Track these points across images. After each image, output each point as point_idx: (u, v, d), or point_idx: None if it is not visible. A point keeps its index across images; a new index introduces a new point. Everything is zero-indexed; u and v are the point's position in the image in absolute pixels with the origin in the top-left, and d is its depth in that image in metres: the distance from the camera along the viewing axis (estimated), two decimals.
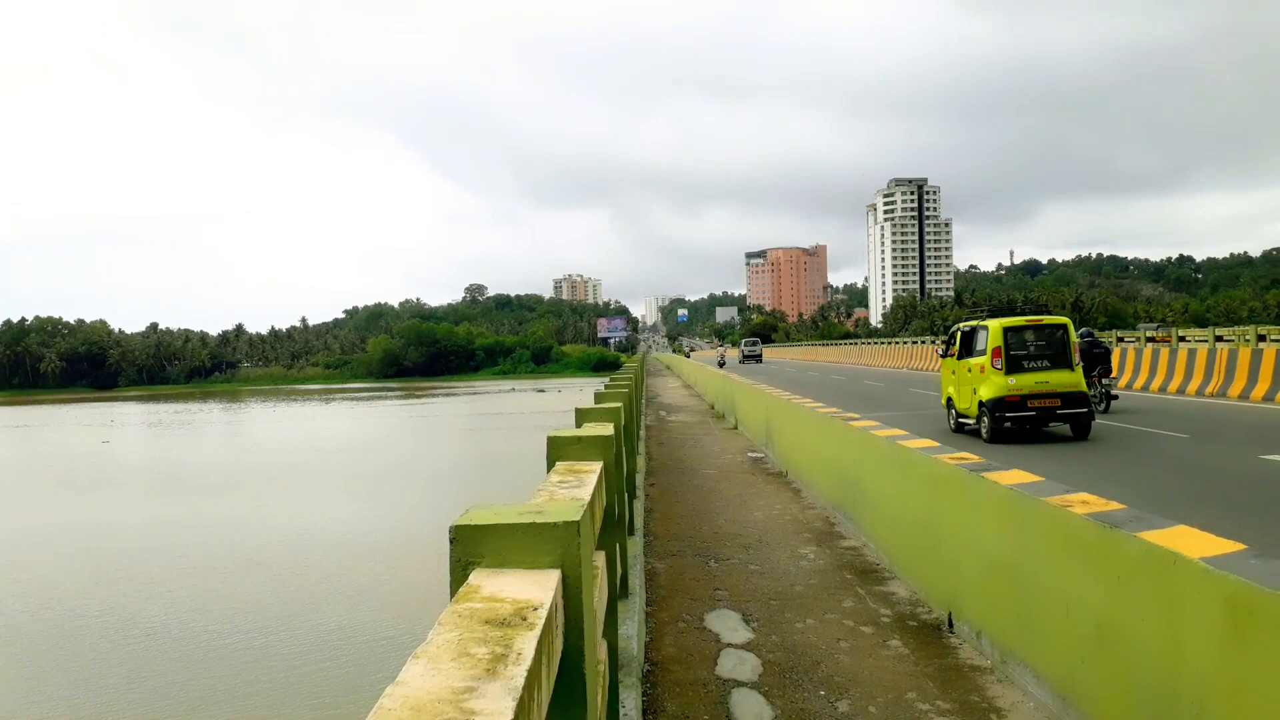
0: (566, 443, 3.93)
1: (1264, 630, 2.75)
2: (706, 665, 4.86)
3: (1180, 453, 11.86)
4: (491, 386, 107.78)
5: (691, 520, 8.99)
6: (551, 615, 1.74)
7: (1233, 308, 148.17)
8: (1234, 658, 2.90)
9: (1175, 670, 3.21)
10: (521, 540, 1.99)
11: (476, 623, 1.62)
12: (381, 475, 29.27)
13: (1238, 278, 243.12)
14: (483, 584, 1.82)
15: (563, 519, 2.02)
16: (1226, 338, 27.38)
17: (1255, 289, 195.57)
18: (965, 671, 4.70)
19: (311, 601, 13.94)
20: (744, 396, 18.88)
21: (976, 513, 5.14)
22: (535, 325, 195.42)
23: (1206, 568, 3.01)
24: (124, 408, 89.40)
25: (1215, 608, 2.97)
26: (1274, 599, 2.67)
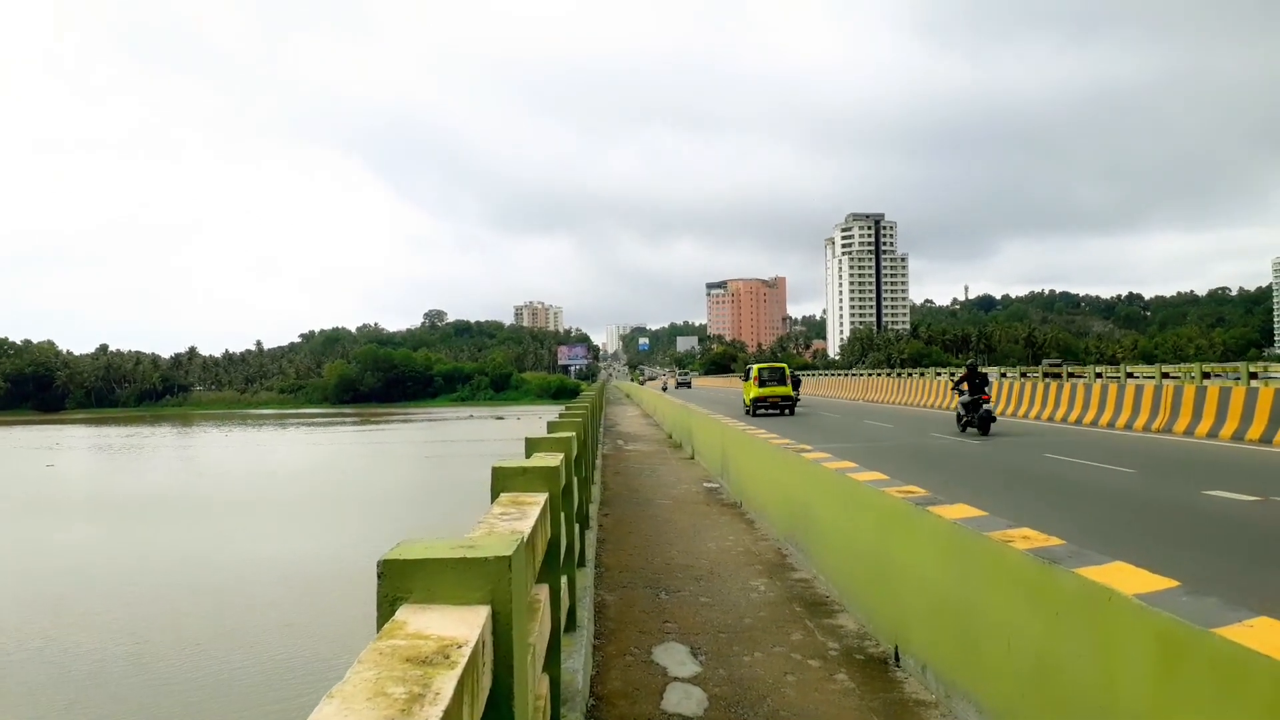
0: (511, 474, 3.89)
1: (1193, 667, 2.79)
2: (652, 700, 4.81)
3: (1127, 488, 12.06)
4: (449, 413, 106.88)
5: (644, 552, 8.95)
6: (477, 653, 1.71)
7: (1180, 344, 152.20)
8: (1166, 694, 2.93)
9: (1109, 706, 3.24)
10: (451, 575, 1.96)
11: (397, 661, 1.58)
12: (332, 503, 28.82)
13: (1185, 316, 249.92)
14: (409, 620, 1.78)
15: (494, 554, 1.99)
16: (1173, 374, 28.01)
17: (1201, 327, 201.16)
18: (910, 706, 4.71)
19: (255, 633, 13.63)
20: (701, 426, 18.91)
21: (922, 546, 5.17)
22: (495, 352, 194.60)
23: (1139, 604, 3.05)
24: (70, 430, 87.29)
25: (1147, 644, 3.01)
26: (1202, 636, 2.71)
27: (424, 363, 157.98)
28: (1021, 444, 18.38)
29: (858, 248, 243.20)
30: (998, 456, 16.27)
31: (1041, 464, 14.84)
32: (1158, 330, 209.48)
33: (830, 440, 19.95)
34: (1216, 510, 9.93)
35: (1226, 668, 2.62)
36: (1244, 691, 2.55)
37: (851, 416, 30.45)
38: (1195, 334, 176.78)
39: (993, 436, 20.03)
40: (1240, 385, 21.05)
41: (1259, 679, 2.48)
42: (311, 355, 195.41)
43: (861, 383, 50.75)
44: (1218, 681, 2.67)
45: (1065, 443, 18.24)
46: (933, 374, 44.72)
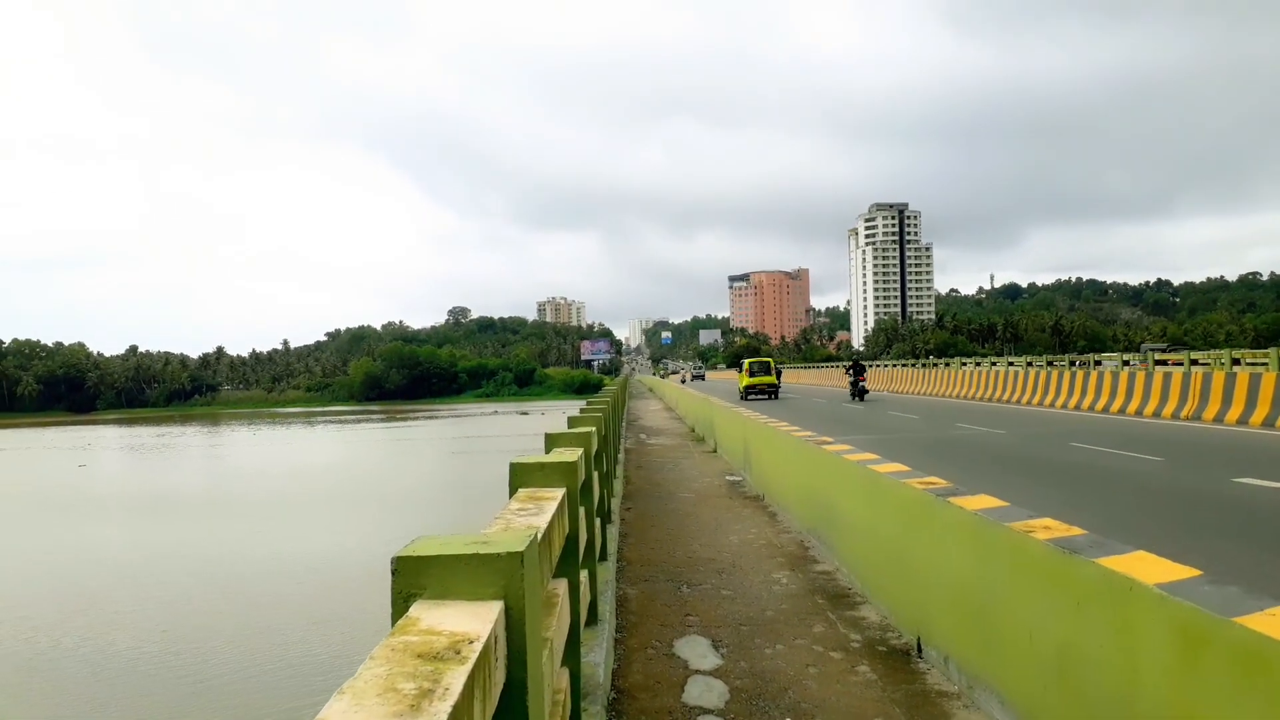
0: (529, 469, 3.91)
1: (1215, 656, 2.76)
2: (673, 693, 4.83)
3: (1155, 476, 11.93)
4: (474, 409, 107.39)
5: (666, 545, 8.96)
6: (489, 648, 1.73)
7: (1210, 331, 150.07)
8: (1187, 684, 2.91)
9: (1131, 696, 3.21)
10: (464, 571, 1.98)
11: (409, 656, 1.60)
12: (360, 500, 29.05)
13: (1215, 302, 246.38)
14: (422, 616, 1.81)
15: (507, 549, 2.01)
16: (1202, 361, 27.65)
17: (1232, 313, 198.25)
18: (932, 698, 4.69)
19: (284, 630, 13.78)
20: (723, 420, 18.89)
21: (944, 537, 5.14)
22: (519, 348, 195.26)
23: (1161, 594, 3.02)
24: (101, 431, 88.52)
25: (1169, 634, 2.98)
26: (1224, 625, 2.69)
27: (448, 360, 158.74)
28: (1048, 434, 18.23)
29: (881, 238, 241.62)
30: (1024, 447, 16.14)
31: (1068, 453, 14.70)
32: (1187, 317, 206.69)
33: (853, 432, 19.87)
34: (1246, 498, 9.81)
35: (1248, 657, 2.59)
36: (1265, 680, 2.52)
37: (876, 407, 30.31)
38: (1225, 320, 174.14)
39: (1020, 427, 19.95)
40: (1270, 371, 20.75)
41: (1279, 667, 2.45)
42: (337, 353, 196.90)
43: (886, 374, 50.46)
44: (1239, 671, 2.64)
45: (1092, 431, 18.06)
46: (958, 364, 44.39)
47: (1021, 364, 37.12)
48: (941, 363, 48.35)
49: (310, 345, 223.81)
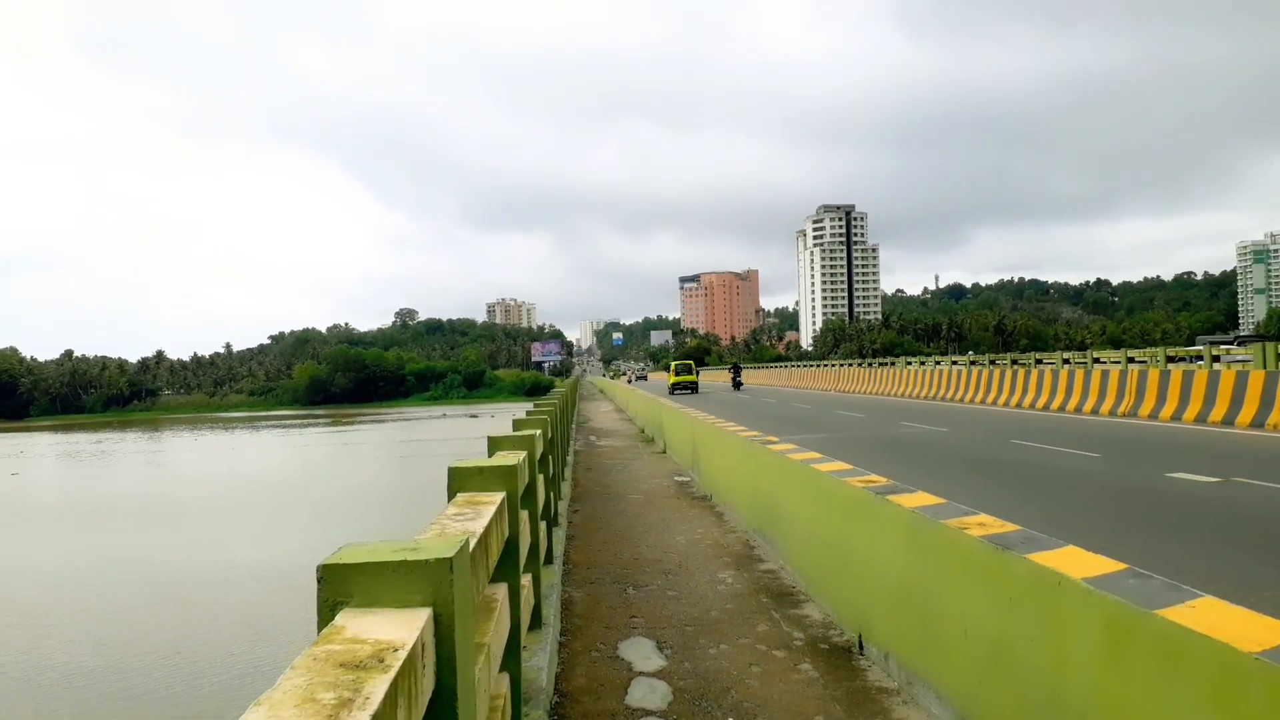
0: (467, 474, 3.88)
1: (1138, 647, 2.83)
2: (616, 695, 4.82)
3: (1092, 472, 12.21)
4: (422, 412, 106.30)
5: (613, 547, 8.95)
6: (415, 655, 1.71)
7: (1147, 330, 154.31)
8: (1113, 674, 2.97)
9: (1062, 689, 3.28)
10: (392, 578, 1.95)
11: (331, 666, 1.57)
12: (308, 506, 28.59)
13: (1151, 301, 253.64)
14: (348, 625, 1.78)
15: (435, 556, 1.98)
16: (1138, 359, 28.38)
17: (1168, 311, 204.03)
18: (873, 694, 4.74)
19: (230, 642, 13.50)
20: (672, 421, 18.95)
21: (883, 535, 5.21)
22: (467, 350, 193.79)
23: (1088, 588, 3.09)
24: (36, 438, 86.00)
25: (1096, 627, 3.05)
26: (1146, 618, 2.75)
27: (395, 362, 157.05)
28: (990, 431, 18.57)
29: (829, 239, 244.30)
30: (966, 444, 16.42)
31: (1008, 450, 14.99)
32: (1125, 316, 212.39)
33: (801, 431, 20.05)
34: (1178, 492, 10.07)
35: (1169, 648, 2.66)
36: (1185, 670, 2.59)
37: (823, 407, 30.61)
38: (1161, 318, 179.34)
39: (963, 425, 20.30)
40: (1203, 369, 21.38)
41: (1199, 658, 2.52)
42: (281, 357, 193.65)
43: (833, 373, 51.00)
44: (1161, 661, 2.71)
45: (1032, 429, 18.44)
46: (903, 363, 45.04)
47: (965, 363, 37.79)
48: (888, 362, 49.02)
49: (253, 348, 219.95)
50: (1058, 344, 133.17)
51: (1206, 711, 2.51)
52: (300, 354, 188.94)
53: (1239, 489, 10.05)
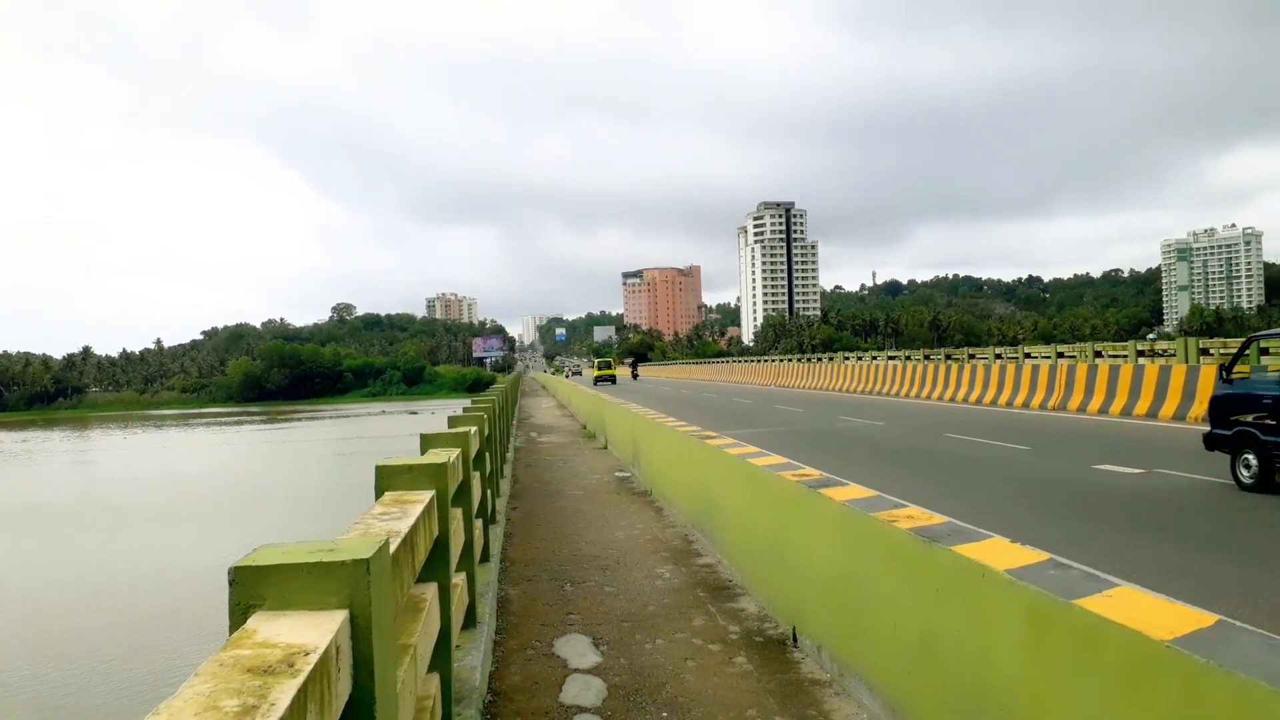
0: (396, 472, 3.81)
1: (1057, 637, 2.88)
2: (551, 692, 4.79)
3: (1022, 464, 12.50)
4: (360, 409, 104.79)
5: (551, 544, 8.90)
6: (328, 659, 1.66)
7: (1077, 325, 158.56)
8: (1034, 664, 3.03)
9: (986, 678, 3.33)
10: (306, 580, 1.90)
11: (237, 671, 1.52)
12: (240, 505, 27.98)
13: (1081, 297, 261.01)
14: (259, 628, 1.72)
15: (352, 557, 1.94)
16: (1068, 354, 29.15)
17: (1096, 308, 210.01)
18: (805, 686, 4.78)
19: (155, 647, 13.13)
20: (613, 416, 18.93)
21: (816, 528, 5.25)
22: (407, 345, 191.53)
23: (1010, 579, 3.14)
24: None
25: (1017, 617, 3.10)
26: (1065, 608, 2.81)
27: (332, 358, 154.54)
28: (925, 424, 18.90)
29: (769, 236, 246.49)
30: (902, 438, 16.70)
31: (942, 443, 15.28)
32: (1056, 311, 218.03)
33: (741, 426, 20.20)
34: (1104, 483, 10.37)
35: (1086, 637, 2.72)
36: (1101, 658, 2.65)
37: (764, 402, 30.88)
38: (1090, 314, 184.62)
39: (899, 419, 20.63)
40: (1129, 363, 22.04)
41: (1114, 646, 2.58)
42: (214, 353, 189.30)
43: (774, 368, 51.48)
44: (1079, 650, 2.77)
45: (966, 422, 18.83)
46: (841, 358, 45.64)
47: (901, 358, 38.44)
48: (826, 357, 49.62)
49: (185, 344, 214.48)
50: (991, 339, 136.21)
51: (1121, 698, 2.57)
52: (234, 350, 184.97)
53: (1161, 479, 10.37)
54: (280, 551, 1.96)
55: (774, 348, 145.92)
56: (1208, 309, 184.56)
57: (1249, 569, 6.16)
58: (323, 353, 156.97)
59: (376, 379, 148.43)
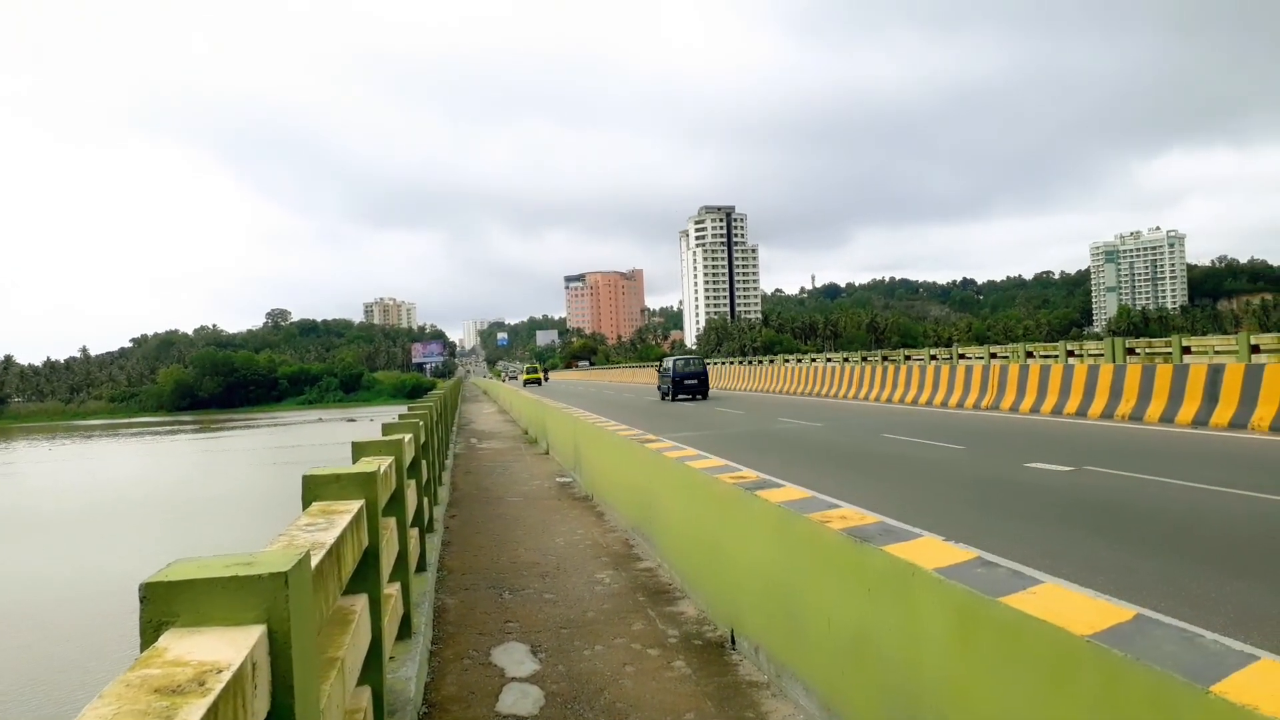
0: (324, 482, 3.73)
1: (984, 634, 2.93)
2: (487, 702, 4.73)
3: (956, 463, 12.73)
4: (296, 417, 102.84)
5: (490, 551, 8.82)
6: (243, 676, 1.61)
7: (1009, 326, 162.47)
8: (962, 659, 3.08)
9: (917, 675, 3.37)
10: (222, 596, 1.85)
11: (144, 692, 1.47)
12: (169, 517, 27.23)
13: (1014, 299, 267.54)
14: (170, 646, 1.67)
15: (270, 570, 1.89)
16: (1000, 355, 29.80)
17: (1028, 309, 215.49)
18: (743, 688, 4.80)
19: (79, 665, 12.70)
20: (555, 421, 18.85)
21: (753, 530, 5.28)
22: (344, 351, 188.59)
23: (939, 578, 3.18)
24: None
25: (946, 615, 3.15)
26: (991, 605, 2.85)
27: (267, 365, 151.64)
28: (863, 426, 19.16)
29: (711, 239, 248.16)
30: (840, 439, 16.90)
31: (879, 444, 15.49)
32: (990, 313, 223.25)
33: (683, 429, 20.26)
34: (1035, 481, 10.60)
35: (1012, 633, 2.76)
36: (1026, 654, 2.70)
37: (705, 405, 31.02)
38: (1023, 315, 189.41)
39: (837, 420, 20.90)
40: (1059, 363, 22.60)
41: (1038, 642, 2.63)
42: (144, 361, 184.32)
43: (715, 371, 51.78)
44: (1005, 646, 2.82)
45: (902, 423, 19.13)
46: (781, 360, 46.07)
47: (839, 360, 38.96)
48: (767, 360, 50.09)
49: (113, 352, 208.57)
50: (927, 341, 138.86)
51: (1045, 693, 2.62)
52: (165, 358, 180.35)
53: (1089, 477, 10.64)
54: (195, 566, 1.90)
55: (716, 351, 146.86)
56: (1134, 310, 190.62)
57: (1171, 562, 6.35)
58: (257, 359, 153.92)
59: (313, 386, 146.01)
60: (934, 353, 34.34)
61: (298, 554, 2.04)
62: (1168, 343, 22.06)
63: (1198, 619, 4.88)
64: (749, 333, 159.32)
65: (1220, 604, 5.29)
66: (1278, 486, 8.96)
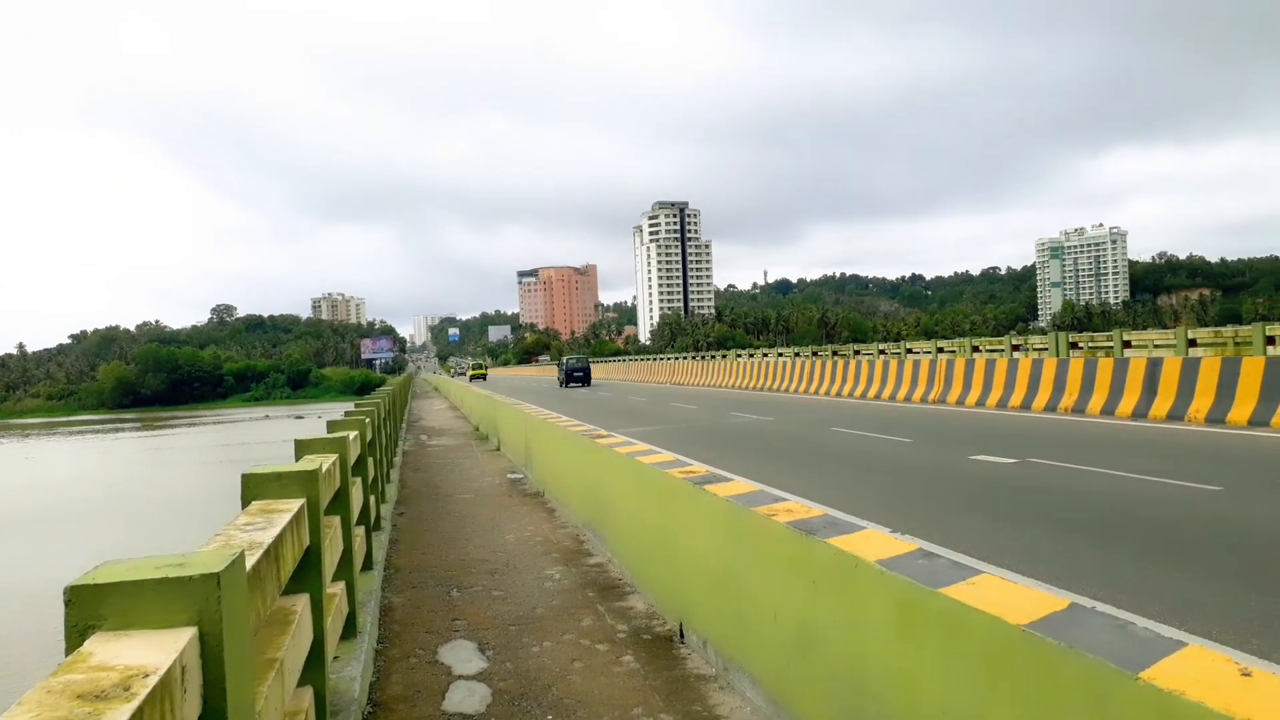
0: (264, 480, 3.67)
1: (925, 624, 2.97)
2: (433, 701, 4.69)
3: (904, 456, 12.90)
4: (242, 414, 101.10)
5: (439, 549, 8.74)
6: (171, 681, 1.58)
7: (957, 321, 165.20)
8: (904, 650, 3.12)
9: (861, 664, 3.41)
10: (151, 598, 1.81)
11: (66, 699, 1.43)
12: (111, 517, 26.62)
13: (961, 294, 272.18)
14: (96, 651, 1.63)
15: (201, 571, 1.85)
16: (947, 349, 30.27)
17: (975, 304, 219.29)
18: (691, 682, 4.82)
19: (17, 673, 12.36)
20: (506, 417, 18.74)
21: (701, 523, 5.30)
22: (292, 348, 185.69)
23: (881, 570, 3.22)
24: None
25: (888, 606, 3.19)
26: (931, 596, 2.89)
27: (212, 361, 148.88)
28: (813, 419, 19.35)
29: (664, 235, 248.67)
30: (791, 432, 17.05)
31: (829, 437, 15.66)
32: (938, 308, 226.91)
33: (636, 424, 20.29)
34: (981, 473, 10.78)
35: (951, 623, 2.80)
36: (964, 644, 2.74)
37: (659, 400, 31.08)
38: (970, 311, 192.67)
39: (788, 414, 21.07)
40: (1004, 358, 23.02)
41: (975, 632, 2.67)
42: (84, 357, 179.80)
43: (669, 366, 51.90)
44: (944, 636, 2.86)
45: (852, 416, 19.35)
46: (734, 356, 46.35)
47: (790, 355, 39.29)
48: (720, 355, 50.34)
49: (52, 349, 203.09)
50: (876, 336, 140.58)
51: (982, 681, 2.66)
52: (106, 354, 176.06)
53: (1033, 469, 10.85)
54: (124, 568, 1.86)
55: (670, 346, 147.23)
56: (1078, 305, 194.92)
57: (1110, 552, 6.50)
58: (202, 356, 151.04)
59: (260, 382, 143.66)
60: (883, 347, 34.80)
61: (231, 554, 2.00)
62: (1109, 337, 22.61)
63: (1135, 607, 5.00)
64: (702, 328, 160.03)
65: (1157, 592, 5.42)
66: (1212, 477, 9.21)
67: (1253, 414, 13.56)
